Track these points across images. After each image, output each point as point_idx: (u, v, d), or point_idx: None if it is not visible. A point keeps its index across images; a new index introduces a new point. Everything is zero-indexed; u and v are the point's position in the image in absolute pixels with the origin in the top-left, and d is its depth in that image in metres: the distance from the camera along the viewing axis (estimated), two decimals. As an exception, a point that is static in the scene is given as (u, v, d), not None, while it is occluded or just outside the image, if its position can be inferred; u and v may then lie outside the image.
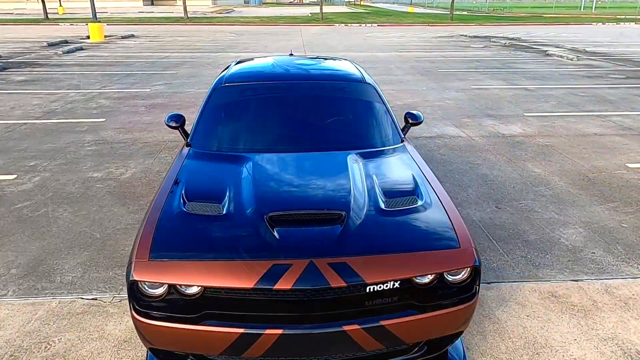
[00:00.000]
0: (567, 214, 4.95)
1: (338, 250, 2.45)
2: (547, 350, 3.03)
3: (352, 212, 2.70)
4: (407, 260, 2.46)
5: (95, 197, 5.36)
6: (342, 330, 2.36)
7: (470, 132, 8.00)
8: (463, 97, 10.77)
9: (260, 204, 2.77)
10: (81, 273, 3.88)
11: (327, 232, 2.56)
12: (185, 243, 2.54)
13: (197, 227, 2.65)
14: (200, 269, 2.37)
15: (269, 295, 2.37)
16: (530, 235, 4.50)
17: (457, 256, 2.53)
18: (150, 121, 8.60)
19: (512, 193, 5.48)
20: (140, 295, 2.45)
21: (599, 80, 13.09)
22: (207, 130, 3.83)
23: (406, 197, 2.91)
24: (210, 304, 2.43)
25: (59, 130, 7.97)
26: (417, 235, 2.63)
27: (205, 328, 2.38)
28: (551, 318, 3.34)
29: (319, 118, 3.89)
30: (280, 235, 2.52)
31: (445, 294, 2.56)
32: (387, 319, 2.42)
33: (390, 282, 2.43)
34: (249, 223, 2.64)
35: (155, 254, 2.45)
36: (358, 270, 2.36)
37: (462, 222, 2.75)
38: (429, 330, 2.55)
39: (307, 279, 2.32)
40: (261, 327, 2.36)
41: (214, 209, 2.76)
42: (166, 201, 2.89)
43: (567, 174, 6.08)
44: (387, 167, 3.42)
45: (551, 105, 10.04)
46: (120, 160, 6.58)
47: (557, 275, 3.86)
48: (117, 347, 3.05)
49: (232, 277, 2.34)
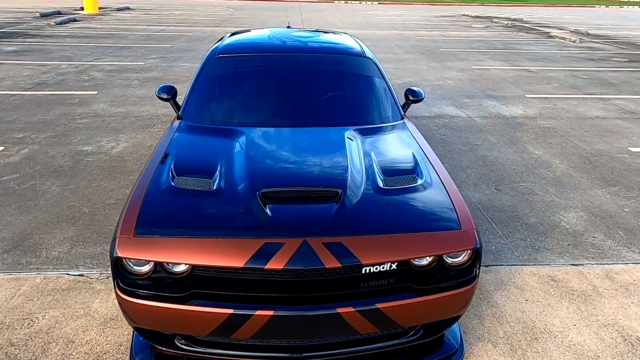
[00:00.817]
0: (568, 197, 4.85)
1: (333, 229, 2.33)
2: (546, 335, 2.95)
3: (349, 190, 2.57)
4: (405, 241, 2.35)
5: (84, 171, 5.21)
6: (336, 312, 2.26)
7: (471, 112, 7.84)
8: (464, 77, 10.58)
9: (252, 180, 2.64)
10: (68, 248, 3.76)
11: (322, 211, 2.44)
12: (173, 219, 2.41)
13: (185, 202, 2.52)
14: (188, 247, 2.25)
15: (260, 275, 2.26)
16: (530, 218, 4.40)
17: (457, 238, 2.41)
18: (144, 95, 8.39)
19: (512, 175, 5.37)
20: (125, 273, 2.33)
21: (602, 63, 12.90)
22: (199, 102, 3.67)
23: (405, 176, 2.79)
24: (198, 283, 2.32)
25: (50, 102, 7.76)
26: (416, 216, 2.51)
27: (192, 308, 2.27)
28: (550, 303, 3.25)
29: (316, 92, 3.73)
30: (273, 212, 2.40)
31: (444, 277, 2.45)
32: (383, 302, 2.32)
33: (387, 263, 2.32)
34: (240, 199, 2.51)
35: (141, 229, 2.33)
36: (354, 251, 2.25)
37: (464, 203, 2.64)
38: (426, 314, 2.45)
39: (300, 259, 2.20)
40: (252, 308, 2.25)
41: (204, 184, 2.63)
42: (154, 175, 2.75)
43: (568, 157, 5.96)
44: (386, 144, 3.29)
45: (553, 87, 9.87)
46: (112, 133, 6.41)
47: (556, 260, 3.77)
48: (103, 325, 2.95)
49: (222, 256, 2.22)
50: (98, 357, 2.71)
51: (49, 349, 2.75)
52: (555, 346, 2.86)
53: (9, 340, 2.80)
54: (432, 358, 2.65)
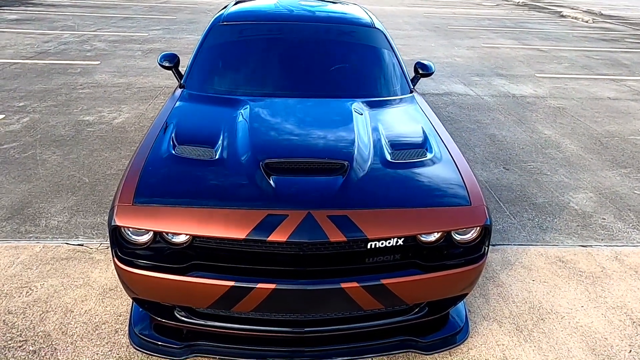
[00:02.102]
0: (578, 178, 4.75)
1: (339, 202, 2.25)
2: (553, 316, 2.89)
3: (355, 163, 2.48)
4: (413, 216, 2.27)
5: (86, 140, 5.13)
6: (340, 287, 2.19)
7: (479, 90, 7.68)
8: (473, 55, 10.36)
9: (256, 150, 2.55)
10: (68, 218, 3.71)
11: (328, 183, 2.35)
12: (173, 188, 2.34)
13: (186, 171, 2.44)
14: (188, 216, 2.18)
15: (262, 247, 2.19)
16: (538, 198, 4.31)
17: (467, 214, 2.33)
18: (147, 66, 8.24)
19: (520, 154, 5.26)
20: (124, 242, 2.27)
21: (614, 43, 12.61)
22: (202, 71, 3.55)
23: (414, 150, 2.69)
24: (198, 254, 2.25)
25: (51, 72, 7.64)
26: (425, 190, 2.42)
27: (192, 279, 2.21)
28: (558, 283, 3.19)
29: (324, 63, 3.60)
30: (277, 183, 2.31)
31: (451, 254, 2.38)
32: (389, 278, 2.25)
33: (393, 238, 2.24)
34: (243, 169, 2.43)
35: (140, 198, 2.25)
36: (360, 225, 2.17)
37: (474, 178, 2.55)
38: (433, 291, 2.39)
39: (304, 232, 2.13)
40: (253, 281, 2.19)
41: (205, 154, 2.54)
42: (154, 144, 2.66)
43: (578, 137, 5.83)
44: (395, 117, 3.18)
45: (564, 67, 9.66)
46: (114, 104, 6.30)
47: (565, 240, 3.70)
48: (102, 295, 2.91)
49: (223, 226, 2.14)
50: (96, 327, 2.67)
51: (47, 318, 2.71)
52: (562, 327, 2.80)
53: (6, 308, 2.77)
54: (436, 336, 2.60)
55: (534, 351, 2.63)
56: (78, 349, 2.52)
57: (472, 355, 2.59)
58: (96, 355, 2.48)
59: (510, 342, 2.69)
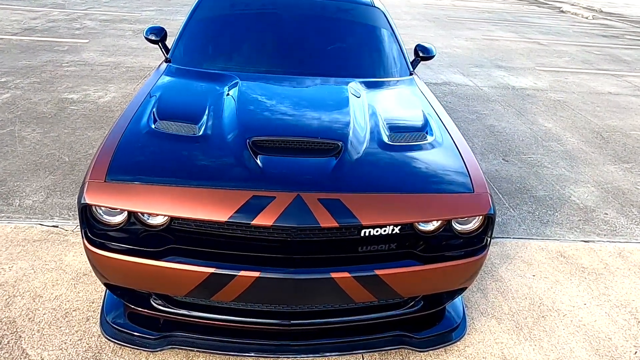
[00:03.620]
0: (579, 172, 4.59)
1: (331, 185, 2.06)
2: (554, 314, 2.73)
3: (350, 144, 2.29)
4: (411, 202, 2.09)
5: (68, 119, 4.89)
6: (330, 277, 2.01)
7: (479, 81, 7.50)
8: (472, 47, 10.16)
9: (243, 128, 2.35)
10: (43, 198, 3.49)
11: (320, 164, 2.16)
12: (150, 165, 2.14)
13: (166, 147, 2.24)
14: (165, 196, 1.98)
15: (246, 231, 2.00)
16: (538, 191, 4.15)
17: (469, 202, 2.16)
18: (137, 46, 7.97)
19: (520, 146, 5.09)
20: (95, 223, 2.07)
21: (615, 40, 12.46)
22: (190, 44, 3.34)
23: (414, 133, 2.50)
24: (176, 238, 2.06)
25: (37, 48, 7.35)
26: (425, 175, 2.24)
27: (169, 265, 2.01)
28: (559, 279, 3.03)
29: (319, 40, 3.39)
30: (264, 163, 2.12)
31: (451, 245, 2.20)
32: (383, 269, 2.07)
33: (389, 226, 2.06)
34: (228, 147, 2.23)
35: (114, 174, 2.05)
36: (353, 210, 1.98)
37: (477, 165, 2.37)
38: (429, 284, 2.21)
39: (293, 215, 1.94)
40: (235, 268, 2.00)
41: (188, 130, 2.34)
42: (133, 118, 2.45)
43: (579, 131, 5.67)
44: (393, 99, 2.99)
45: (564, 61, 9.50)
46: (100, 83, 6.05)
47: (566, 235, 3.54)
48: (75, 280, 2.71)
49: (204, 207, 1.95)
50: (66, 314, 2.47)
51: (13, 303, 2.51)
52: (564, 325, 2.65)
53: (-30, 291, 2.57)
54: (432, 332, 2.42)
55: (535, 350, 2.47)
56: (44, 336, 2.33)
57: (469, 353, 2.42)
58: (64, 344, 2.29)
59: (510, 340, 2.53)
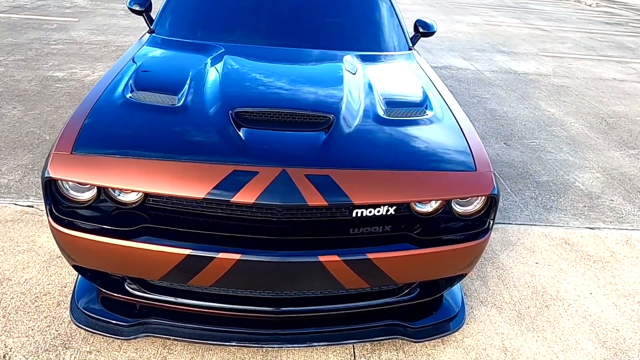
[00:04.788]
0: (584, 157, 4.41)
1: (320, 160, 1.88)
2: (559, 303, 2.57)
3: (342, 118, 2.10)
4: (407, 180, 1.91)
5: (52, 97, 4.68)
6: (318, 261, 1.83)
7: (480, 65, 7.29)
8: (473, 32, 9.93)
9: (226, 99, 2.16)
10: (20, 176, 3.30)
11: (308, 138, 1.98)
12: (123, 136, 1.95)
13: (141, 118, 2.05)
14: (138, 170, 1.80)
15: (226, 209, 1.83)
16: (541, 176, 3.97)
17: (471, 181, 1.97)
18: (128, 25, 7.73)
19: (522, 131, 4.91)
20: (61, 199, 1.89)
21: (619, 27, 12.22)
22: (175, 14, 3.13)
23: (412, 108, 2.32)
24: (151, 217, 1.88)
25: (24, 26, 7.11)
26: (423, 152, 2.06)
27: (142, 246, 1.83)
28: (563, 267, 2.87)
29: (313, 10, 3.18)
30: (248, 136, 1.94)
31: (450, 228, 2.03)
32: (376, 252, 1.89)
33: (383, 206, 1.89)
34: (208, 119, 2.04)
35: (82, 146, 1.87)
36: (344, 187, 1.80)
37: (480, 142, 2.19)
38: (426, 270, 2.04)
39: (277, 193, 1.76)
40: (214, 250, 1.82)
41: (166, 100, 2.15)
42: (108, 88, 2.26)
43: (583, 117, 5.49)
44: (391, 73, 2.80)
45: (567, 47, 9.28)
46: (88, 61, 5.83)
47: (570, 221, 3.37)
48: (47, 263, 2.53)
49: (179, 183, 1.77)
50: (36, 299, 2.30)
51: (-21, 286, 2.34)
52: (569, 315, 2.49)
53: None
54: (428, 322, 2.25)
55: (538, 342, 2.31)
56: (10, 322, 2.16)
57: (467, 345, 2.26)
58: (31, 331, 2.12)
59: (511, 330, 2.36)
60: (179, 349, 2.10)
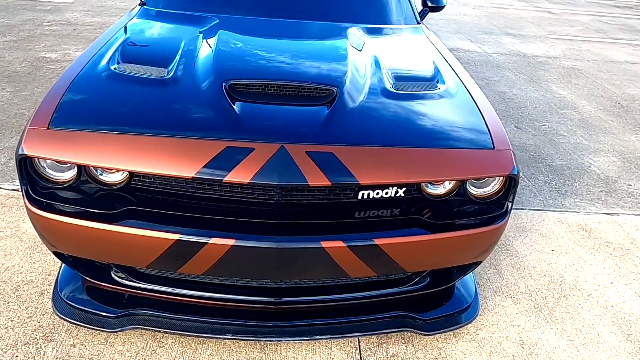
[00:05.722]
0: (598, 141, 4.22)
1: (322, 135, 1.70)
2: (577, 293, 2.40)
3: (346, 90, 1.92)
4: (418, 158, 1.73)
5: (43, 78, 4.50)
6: (320, 247, 1.66)
7: (487, 48, 7.06)
8: (480, 14, 9.66)
9: (219, 70, 1.98)
10: (6, 159, 3.14)
11: (309, 113, 1.80)
12: (105, 110, 1.78)
13: (126, 91, 1.87)
14: (123, 146, 1.62)
15: (219, 190, 1.65)
16: (555, 160, 3.79)
17: (488, 159, 1.80)
18: (126, 7, 7.49)
19: (533, 113, 4.71)
20: (38, 179, 1.71)
21: (628, 10, 11.91)
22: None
23: (423, 82, 2.13)
24: (136, 198, 1.71)
25: (17, 7, 6.89)
26: (435, 128, 1.88)
27: (126, 230, 1.67)
28: (582, 255, 2.69)
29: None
30: (243, 110, 1.76)
31: (465, 212, 1.85)
32: (384, 238, 1.72)
33: (392, 186, 1.71)
34: (199, 91, 1.86)
35: (60, 121, 1.69)
36: (349, 166, 1.63)
37: (497, 118, 2.01)
38: (439, 257, 1.87)
39: (275, 171, 1.58)
40: (205, 235, 1.65)
41: (154, 73, 1.96)
42: (92, 60, 2.07)
43: (596, 99, 5.28)
44: (399, 47, 2.61)
45: (577, 29, 9.01)
46: (82, 43, 5.62)
47: (587, 207, 3.19)
48: (31, 249, 2.37)
49: (167, 161, 1.60)
50: (17, 288, 2.14)
51: (-44, 275, 2.18)
52: (589, 306, 2.32)
53: None
54: (439, 313, 2.09)
55: (557, 334, 2.14)
56: (-12, 314, 2.00)
57: (481, 337, 2.10)
58: (10, 322, 1.97)
59: (528, 322, 2.20)
60: (170, 342, 1.94)
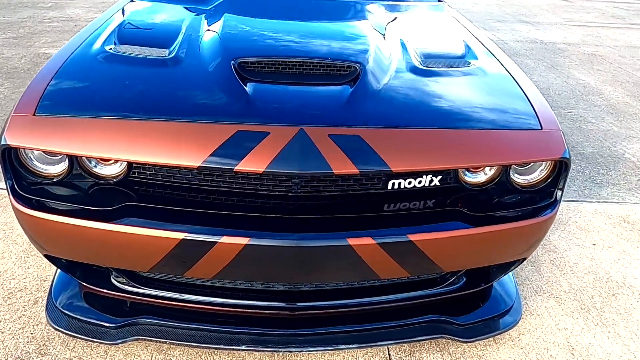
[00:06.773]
0: (629, 127, 3.96)
1: (347, 116, 1.48)
2: (627, 291, 2.17)
3: (370, 68, 1.70)
4: (456, 141, 1.51)
5: (43, 74, 4.31)
6: (347, 244, 1.44)
7: (502, 35, 6.79)
8: (491, 2, 9.37)
9: (228, 48, 1.76)
10: (2, 157, 2.94)
11: (331, 93, 1.58)
12: (98, 93, 1.57)
13: (122, 72, 1.66)
14: (119, 133, 1.42)
15: (229, 182, 1.44)
16: (585, 148, 3.54)
17: (536, 142, 1.57)
18: (128, 3, 7.32)
19: (557, 100, 4.45)
20: (25, 173, 1.51)
21: (645, -4, 11.55)
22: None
23: (454, 59, 1.90)
24: (135, 193, 1.50)
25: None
26: (473, 106, 1.65)
27: (125, 229, 1.45)
28: (626, 249, 2.45)
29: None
30: (255, 91, 1.54)
31: (509, 202, 1.63)
32: (420, 233, 1.49)
33: (427, 174, 1.49)
34: (205, 71, 1.65)
35: (48, 106, 1.49)
36: (379, 151, 1.41)
37: (542, 96, 1.77)
38: (480, 254, 1.65)
39: (294, 158, 1.36)
40: (215, 233, 1.44)
41: (155, 53, 1.75)
42: (84, 42, 1.87)
43: (622, 85, 5.00)
44: (422, 23, 2.39)
45: (593, 16, 8.71)
46: (84, 38, 5.44)
47: (626, 197, 2.94)
48: (26, 253, 2.17)
49: (170, 148, 1.39)
50: (10, 295, 1.94)
51: (-57, 282, 1.99)
52: (642, 306, 2.09)
53: None
54: (476, 317, 1.85)
55: (610, 339, 1.91)
56: (-24, 325, 1.81)
57: (525, 343, 1.87)
58: (0, 335, 1.77)
59: (575, 325, 1.97)
60: (178, 354, 1.74)
